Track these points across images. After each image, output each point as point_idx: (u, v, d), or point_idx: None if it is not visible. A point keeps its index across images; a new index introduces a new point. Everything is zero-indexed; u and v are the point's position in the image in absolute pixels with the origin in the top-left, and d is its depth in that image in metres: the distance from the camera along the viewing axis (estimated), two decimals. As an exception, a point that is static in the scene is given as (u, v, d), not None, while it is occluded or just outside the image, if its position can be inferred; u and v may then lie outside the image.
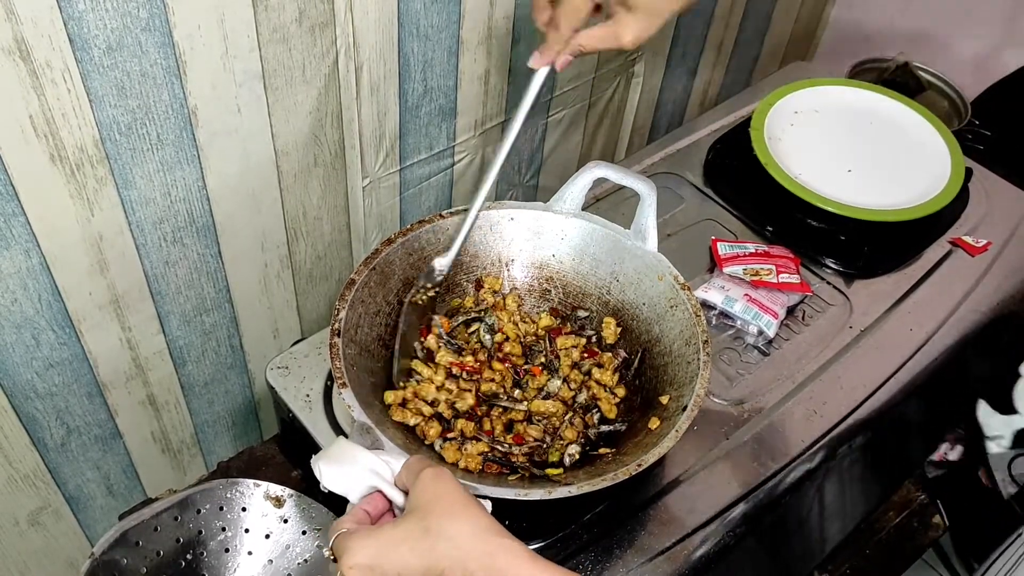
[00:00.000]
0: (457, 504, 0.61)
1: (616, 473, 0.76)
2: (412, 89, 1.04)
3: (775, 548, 1.03)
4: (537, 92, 0.85)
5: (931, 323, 1.06)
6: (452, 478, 0.64)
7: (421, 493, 0.63)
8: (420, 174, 1.14)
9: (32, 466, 0.99)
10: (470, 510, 0.61)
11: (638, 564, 0.83)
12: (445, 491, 0.62)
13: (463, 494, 0.63)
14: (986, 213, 1.19)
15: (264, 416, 1.23)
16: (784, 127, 1.22)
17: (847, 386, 0.99)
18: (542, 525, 0.85)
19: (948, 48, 1.59)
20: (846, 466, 1.00)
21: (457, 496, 0.62)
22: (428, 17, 0.99)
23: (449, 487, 0.63)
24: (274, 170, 0.97)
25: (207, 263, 0.98)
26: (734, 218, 1.16)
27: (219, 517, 0.87)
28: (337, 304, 0.84)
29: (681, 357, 0.87)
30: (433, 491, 0.62)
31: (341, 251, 1.13)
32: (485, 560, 0.58)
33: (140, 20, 0.75)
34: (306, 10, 0.87)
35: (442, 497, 0.62)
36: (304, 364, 0.96)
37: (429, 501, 0.62)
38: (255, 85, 0.88)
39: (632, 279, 0.95)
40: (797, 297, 1.05)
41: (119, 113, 0.79)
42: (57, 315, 0.89)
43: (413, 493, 0.63)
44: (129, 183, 0.85)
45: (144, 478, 1.14)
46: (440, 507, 0.61)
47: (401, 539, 0.60)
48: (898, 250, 1.13)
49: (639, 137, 1.50)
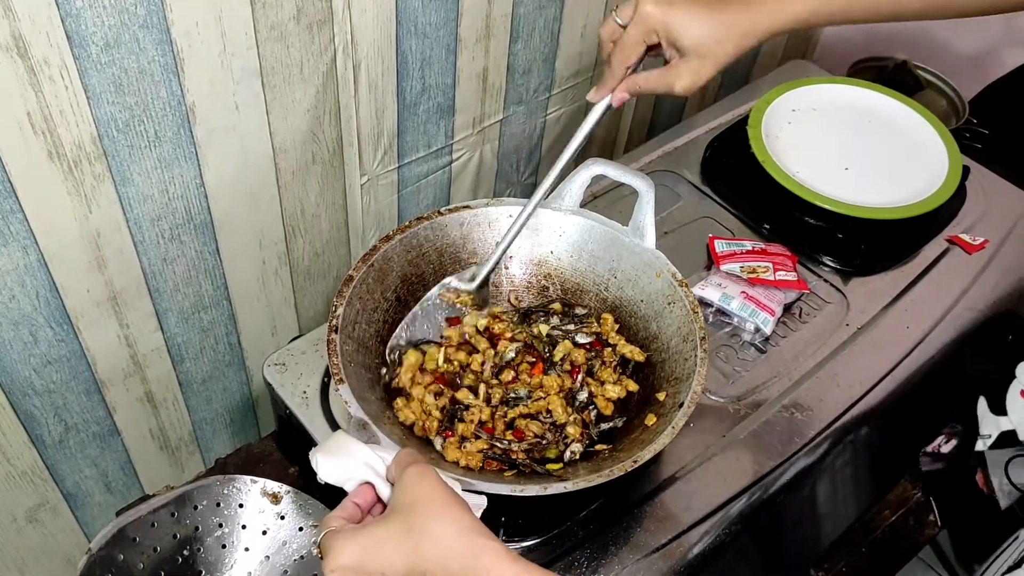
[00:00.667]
0: (440, 504, 0.61)
1: (612, 469, 0.76)
2: (410, 87, 1.04)
3: (771, 545, 1.03)
4: (593, 124, 0.87)
5: (928, 321, 1.06)
6: (436, 476, 0.64)
7: (405, 491, 0.62)
8: (418, 172, 1.14)
9: (30, 463, 1.00)
10: (453, 510, 0.61)
11: (634, 561, 0.83)
12: (429, 489, 0.62)
13: (447, 493, 0.62)
14: (983, 211, 1.19)
15: (262, 413, 1.23)
16: (782, 125, 1.22)
17: (844, 383, 0.99)
18: (537, 522, 0.85)
19: (946, 47, 1.59)
20: (842, 464, 1.00)
21: (440, 495, 0.62)
22: (426, 15, 0.99)
23: (433, 486, 0.62)
24: (272, 167, 0.97)
25: (205, 260, 0.99)
26: (731, 216, 1.16)
27: (216, 513, 0.87)
28: (335, 300, 0.84)
29: (678, 354, 0.87)
30: (417, 489, 0.62)
31: (339, 248, 1.13)
32: (468, 560, 0.58)
33: (138, 17, 0.75)
34: (304, 7, 0.87)
35: (426, 496, 0.62)
36: (301, 361, 0.96)
37: (413, 500, 0.62)
38: (253, 82, 0.88)
39: (630, 276, 0.95)
40: (794, 295, 1.06)
41: (117, 110, 0.79)
42: (55, 312, 0.89)
43: (397, 490, 0.63)
44: (127, 180, 0.85)
45: (142, 475, 1.14)
46: (423, 506, 0.61)
47: (384, 539, 0.60)
48: (895, 248, 1.14)
49: (637, 134, 1.50)
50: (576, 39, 1.21)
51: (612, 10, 0.84)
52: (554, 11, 1.14)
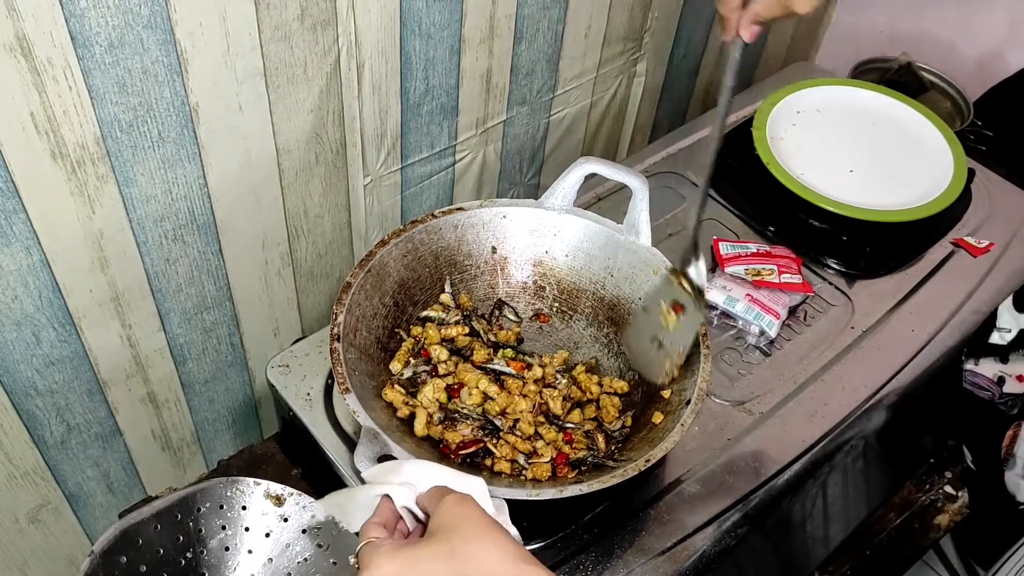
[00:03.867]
0: (483, 528, 0.61)
1: (626, 469, 0.75)
2: (414, 87, 1.04)
3: (776, 549, 1.02)
4: (736, 67, 0.82)
5: (933, 324, 1.05)
6: (476, 503, 0.64)
7: (445, 515, 0.62)
8: (421, 172, 1.14)
9: (32, 463, 0.99)
10: (496, 534, 0.61)
11: (639, 564, 0.83)
12: (471, 514, 0.62)
13: (488, 518, 0.62)
14: (988, 214, 1.19)
15: (264, 414, 1.23)
16: (786, 127, 1.22)
17: (848, 387, 0.99)
18: (543, 525, 0.84)
19: (951, 48, 1.58)
20: (847, 467, 1.00)
21: (482, 520, 0.62)
22: (430, 15, 0.99)
23: (474, 511, 0.62)
24: (275, 168, 0.96)
25: (208, 261, 0.98)
26: (736, 218, 1.16)
27: (219, 515, 0.87)
28: (335, 308, 0.84)
29: (681, 350, 0.87)
30: (459, 513, 0.62)
31: (342, 249, 1.13)
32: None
33: (142, 17, 0.75)
34: (308, 8, 0.86)
35: (467, 520, 0.61)
36: (305, 362, 0.95)
37: (454, 523, 0.61)
38: (257, 83, 0.88)
39: (626, 274, 0.95)
40: (799, 297, 1.05)
41: (120, 110, 0.79)
42: (58, 312, 0.89)
43: (437, 515, 0.63)
44: (130, 180, 0.85)
45: (144, 476, 1.13)
46: (466, 530, 0.61)
47: (427, 558, 0.59)
48: (900, 251, 1.13)
49: (641, 136, 1.50)
50: (580, 40, 1.20)
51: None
52: (558, 12, 1.13)
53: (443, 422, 0.86)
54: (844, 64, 1.54)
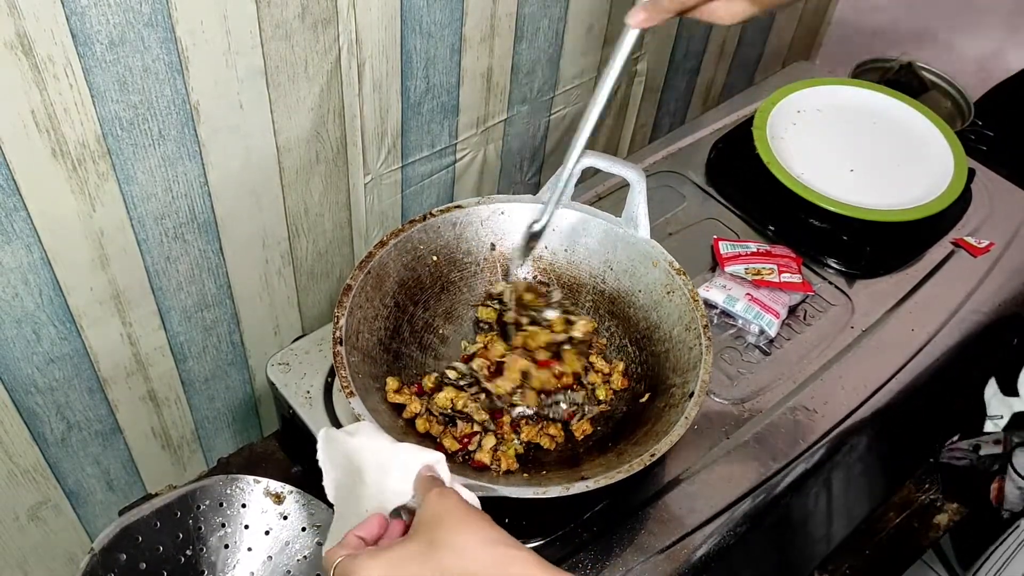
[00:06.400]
0: (462, 518, 0.61)
1: (631, 464, 0.75)
2: (414, 86, 1.04)
3: (775, 548, 1.02)
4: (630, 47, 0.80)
5: (933, 324, 1.05)
6: (457, 495, 0.64)
7: (427, 511, 0.63)
8: (422, 171, 1.14)
9: (32, 461, 0.99)
10: (476, 522, 0.61)
11: (638, 563, 0.83)
12: (451, 506, 0.62)
13: (468, 508, 0.62)
14: (988, 214, 1.19)
15: (264, 412, 1.23)
16: (787, 127, 1.22)
17: (848, 386, 0.99)
18: (541, 523, 0.85)
19: (952, 48, 1.59)
20: (847, 466, 1.00)
21: (462, 510, 0.62)
22: (431, 14, 0.99)
23: (454, 503, 0.63)
24: (276, 166, 0.97)
25: (208, 259, 0.98)
26: (736, 217, 1.16)
27: (219, 513, 0.87)
28: (336, 311, 0.84)
29: (682, 343, 0.87)
30: (439, 506, 0.62)
31: (343, 248, 1.13)
32: (496, 570, 0.58)
33: (143, 15, 0.75)
34: (309, 6, 0.87)
35: (447, 512, 0.62)
36: (305, 361, 0.96)
37: (435, 517, 0.61)
38: (257, 81, 0.88)
39: (626, 267, 0.95)
40: (799, 297, 1.05)
41: (121, 108, 0.79)
42: (58, 310, 0.89)
43: (419, 512, 0.63)
44: (130, 178, 0.85)
45: (144, 474, 1.14)
46: (447, 522, 0.61)
47: (409, 556, 0.59)
48: (900, 250, 1.13)
49: (641, 135, 1.50)
50: (581, 39, 1.20)
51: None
52: (559, 11, 1.13)
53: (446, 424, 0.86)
54: (845, 64, 1.54)
